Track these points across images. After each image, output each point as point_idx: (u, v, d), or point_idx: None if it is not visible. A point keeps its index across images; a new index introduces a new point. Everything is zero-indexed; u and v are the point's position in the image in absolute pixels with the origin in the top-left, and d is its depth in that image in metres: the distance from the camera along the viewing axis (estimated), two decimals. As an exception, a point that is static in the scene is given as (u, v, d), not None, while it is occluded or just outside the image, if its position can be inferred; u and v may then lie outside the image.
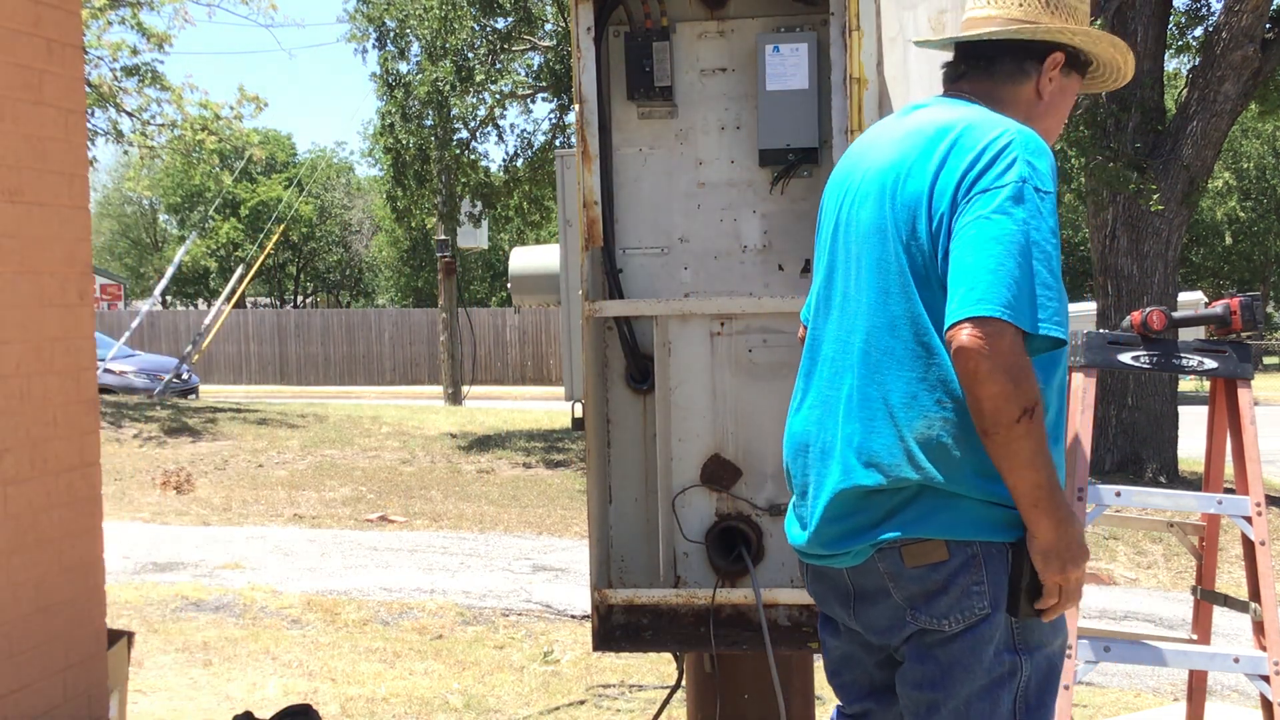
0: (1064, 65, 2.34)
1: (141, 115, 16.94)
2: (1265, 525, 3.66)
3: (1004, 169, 2.13)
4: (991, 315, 2.04)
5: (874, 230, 2.26)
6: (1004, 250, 2.08)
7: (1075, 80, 2.39)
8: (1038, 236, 2.10)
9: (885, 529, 2.21)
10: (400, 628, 6.57)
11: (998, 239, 2.09)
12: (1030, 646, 2.22)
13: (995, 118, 2.23)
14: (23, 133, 3.66)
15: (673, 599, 3.27)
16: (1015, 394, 2.04)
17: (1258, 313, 3.74)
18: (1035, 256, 2.09)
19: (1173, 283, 11.68)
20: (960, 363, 2.07)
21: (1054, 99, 2.36)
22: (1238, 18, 10.87)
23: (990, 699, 2.21)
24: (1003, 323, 2.05)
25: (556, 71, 15.61)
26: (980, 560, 2.18)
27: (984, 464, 2.14)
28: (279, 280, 45.57)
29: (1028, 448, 2.06)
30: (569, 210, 8.60)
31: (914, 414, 2.17)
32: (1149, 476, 11.27)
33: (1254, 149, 34.13)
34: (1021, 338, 2.06)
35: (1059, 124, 2.41)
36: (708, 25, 3.32)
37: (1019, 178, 2.12)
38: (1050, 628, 2.24)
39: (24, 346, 3.66)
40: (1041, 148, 2.18)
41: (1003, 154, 2.14)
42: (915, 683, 2.27)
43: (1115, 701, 5.44)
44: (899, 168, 2.24)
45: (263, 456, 13.03)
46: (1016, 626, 2.21)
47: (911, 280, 2.19)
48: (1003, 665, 2.20)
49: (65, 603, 3.80)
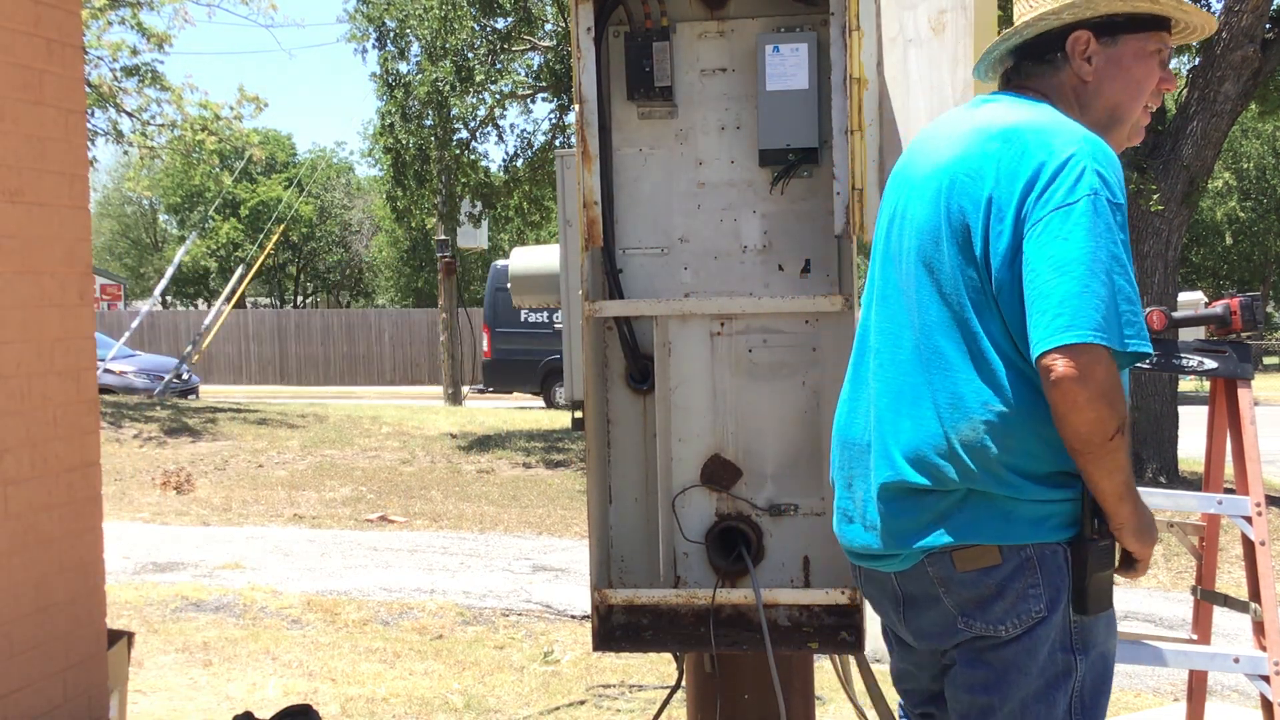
0: (1105, 33, 2.27)
1: (141, 115, 16.96)
2: (1265, 525, 3.66)
3: (1073, 182, 2.08)
4: (1084, 341, 2.03)
5: (929, 229, 2.22)
6: (1087, 270, 2.04)
7: (1132, 42, 2.28)
8: (1116, 250, 2.07)
9: (935, 534, 2.19)
10: (400, 628, 6.57)
11: (1079, 259, 2.05)
12: (1086, 646, 2.21)
13: (1062, 123, 2.18)
14: (23, 133, 3.66)
15: (673, 599, 3.27)
16: (1111, 416, 2.06)
17: (1258, 313, 3.74)
18: (1115, 271, 2.06)
19: (1173, 283, 11.68)
20: (1058, 393, 2.05)
21: (1103, 72, 2.29)
22: (1238, 18, 10.86)
23: (1047, 701, 2.20)
24: (1097, 347, 2.04)
25: (556, 71, 15.61)
26: (1035, 562, 2.16)
27: (1030, 466, 2.15)
28: (279, 280, 45.58)
29: (1119, 458, 2.09)
30: (569, 210, 8.59)
31: (959, 416, 2.16)
32: (1149, 476, 11.27)
33: (1254, 149, 34.13)
34: (1112, 357, 2.06)
35: (1130, 93, 2.30)
36: (708, 25, 3.32)
37: (1090, 190, 2.07)
38: (1105, 628, 2.24)
39: (24, 346, 3.66)
40: (1109, 158, 2.14)
41: (1069, 166, 2.09)
42: (968, 686, 2.25)
43: (1115, 701, 5.44)
44: (959, 166, 2.19)
45: (263, 457, 13.03)
46: (1075, 626, 2.20)
47: (963, 284, 2.16)
48: (1057, 665, 2.19)
49: (65, 603, 3.80)
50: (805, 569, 3.32)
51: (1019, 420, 2.12)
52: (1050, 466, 2.15)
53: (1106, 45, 2.27)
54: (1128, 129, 2.34)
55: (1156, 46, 2.29)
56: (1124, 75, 2.28)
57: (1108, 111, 2.30)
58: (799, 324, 3.28)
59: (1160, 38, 2.29)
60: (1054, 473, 2.15)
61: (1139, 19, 2.27)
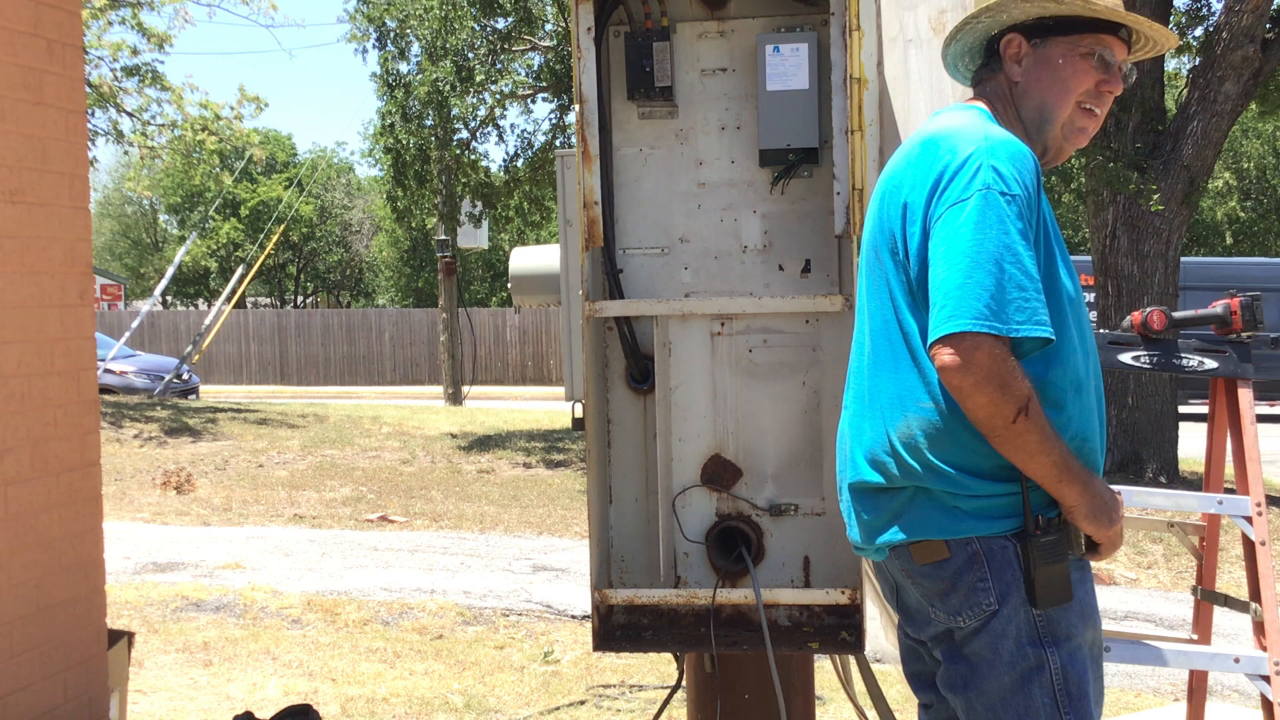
0: (1036, 35, 2.33)
1: (142, 115, 16.96)
2: (1265, 525, 3.66)
3: (968, 179, 2.17)
4: (963, 330, 2.11)
5: (871, 238, 2.38)
6: (971, 262, 2.13)
7: (1061, 44, 2.33)
8: (1008, 239, 2.13)
9: (892, 530, 2.30)
10: (401, 628, 6.57)
11: (965, 252, 2.14)
12: (1057, 638, 2.22)
13: (973, 127, 2.26)
14: (23, 133, 3.66)
15: (673, 599, 3.27)
16: (1003, 399, 2.11)
17: (1258, 312, 3.74)
18: (1006, 260, 2.12)
19: (1173, 283, 11.68)
20: (945, 382, 2.15)
21: (1032, 73, 2.35)
22: (1238, 18, 10.86)
23: (1023, 694, 2.22)
24: (976, 335, 2.11)
25: (557, 71, 15.61)
26: (981, 556, 2.22)
27: (967, 461, 2.20)
28: (279, 280, 45.56)
29: (1032, 440, 2.13)
30: (569, 210, 8.57)
31: (897, 414, 2.26)
32: (1149, 476, 11.27)
33: (1254, 149, 34.11)
34: (1003, 343, 2.11)
35: (1056, 92, 2.34)
36: (708, 25, 3.32)
37: (982, 185, 2.15)
38: (1079, 618, 2.25)
39: (25, 347, 3.66)
40: (1011, 154, 2.20)
41: (966, 164, 2.18)
42: (950, 684, 2.32)
43: (1115, 701, 5.44)
44: (891, 179, 2.33)
45: (263, 456, 13.03)
46: (1040, 619, 2.22)
47: (897, 287, 2.29)
48: (1027, 660, 2.22)
49: (66, 603, 3.80)
50: (805, 569, 3.32)
51: (950, 416, 2.20)
52: (989, 460, 2.20)
53: (1037, 47, 2.35)
54: (1059, 128, 2.36)
55: (1090, 49, 2.33)
56: (1051, 75, 2.34)
57: (1037, 110, 2.36)
58: (799, 324, 3.28)
59: (1099, 40, 2.33)
60: (995, 466, 2.20)
61: (1071, 21, 2.33)
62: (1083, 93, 2.33)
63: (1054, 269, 2.24)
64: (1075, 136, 2.37)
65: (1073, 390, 2.24)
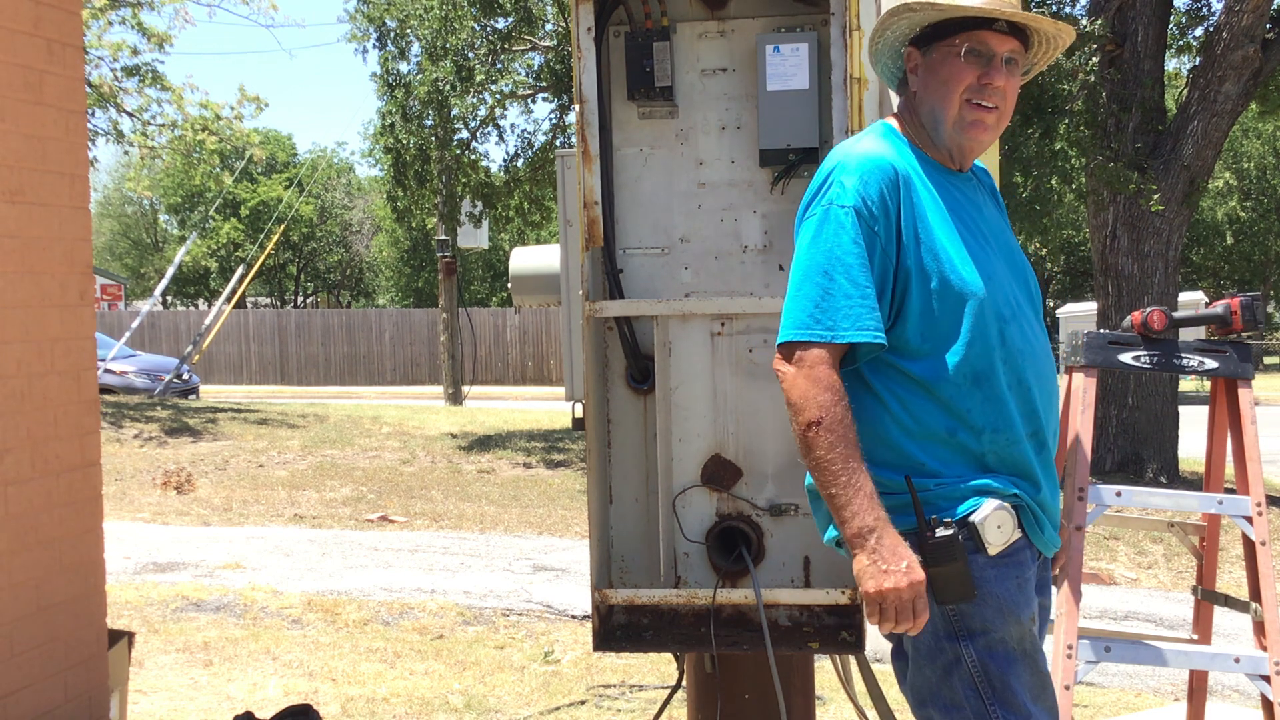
0: (923, 44, 2.40)
1: (142, 115, 16.96)
2: (1266, 525, 3.66)
3: (815, 196, 2.33)
4: (788, 339, 2.28)
5: None
6: (802, 275, 2.29)
7: (941, 47, 2.38)
8: (839, 252, 2.26)
9: (829, 529, 2.42)
10: (401, 628, 6.58)
11: (798, 266, 2.31)
12: (972, 632, 2.27)
13: (846, 144, 2.42)
14: (23, 133, 3.66)
15: (673, 599, 3.27)
16: (801, 407, 2.24)
17: (1258, 312, 3.74)
18: (836, 270, 2.25)
19: (1173, 282, 11.68)
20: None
21: (923, 80, 2.41)
22: (1238, 17, 10.86)
23: (947, 686, 2.29)
24: (795, 344, 2.27)
25: (557, 71, 15.61)
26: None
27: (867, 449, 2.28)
28: (279, 280, 45.58)
29: (812, 456, 2.23)
30: (569, 210, 8.59)
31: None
32: (1149, 476, 11.27)
33: (1254, 149, 34.11)
34: (825, 350, 2.24)
35: (939, 93, 2.38)
36: (708, 25, 3.32)
37: (824, 201, 2.30)
38: (995, 613, 2.26)
39: (25, 347, 3.66)
40: (856, 167, 2.30)
41: (818, 181, 2.35)
42: (900, 679, 2.45)
43: (1116, 701, 5.44)
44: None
45: (263, 456, 13.03)
46: (952, 613, 2.27)
47: None
48: (945, 653, 2.29)
49: (66, 603, 3.80)
50: (806, 569, 3.32)
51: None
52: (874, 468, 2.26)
53: (926, 55, 2.42)
54: (950, 125, 2.40)
55: (964, 46, 2.36)
56: (934, 78, 2.40)
57: (929, 114, 2.42)
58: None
59: (971, 36, 2.36)
60: (882, 471, 2.27)
61: (945, 25, 2.38)
62: (965, 89, 2.36)
63: (941, 267, 2.28)
64: (971, 130, 2.39)
65: (969, 382, 2.28)
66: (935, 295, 2.27)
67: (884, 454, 2.29)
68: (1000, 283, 2.34)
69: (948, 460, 2.28)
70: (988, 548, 2.25)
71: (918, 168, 2.36)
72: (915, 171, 2.35)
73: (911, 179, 2.32)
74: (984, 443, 2.28)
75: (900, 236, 2.28)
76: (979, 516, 2.25)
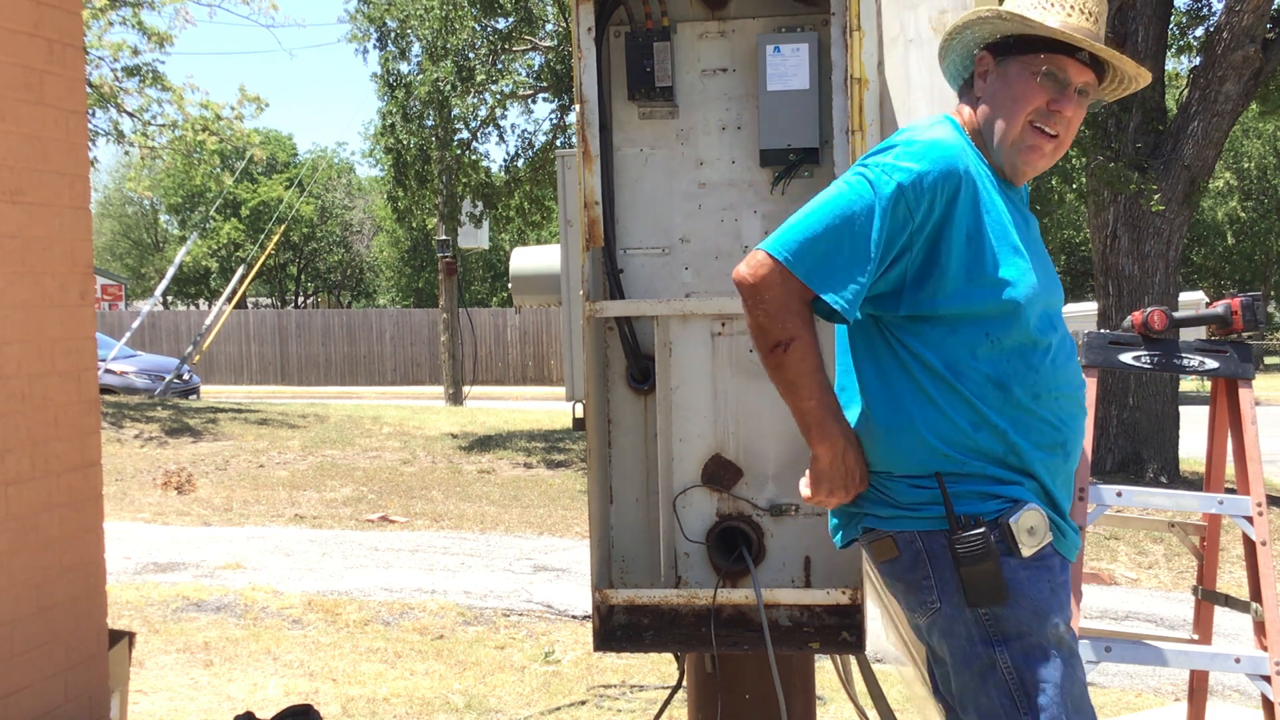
0: (1001, 53, 2.38)
1: (142, 115, 16.96)
2: (1266, 525, 3.66)
3: (876, 155, 2.30)
4: (769, 250, 2.24)
5: None
6: (820, 208, 2.26)
7: (1018, 62, 2.37)
8: (865, 216, 2.23)
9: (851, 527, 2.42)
10: (401, 628, 6.58)
11: (822, 199, 2.28)
12: (1007, 636, 2.22)
13: (918, 124, 2.40)
14: (24, 133, 3.66)
15: (674, 599, 3.27)
16: (769, 327, 2.24)
17: (1259, 312, 3.74)
18: (857, 230, 2.23)
19: (1174, 283, 11.68)
20: (736, 286, 2.29)
21: (992, 87, 2.40)
22: (1239, 17, 10.86)
23: (983, 694, 2.24)
24: (774, 262, 2.24)
25: (557, 71, 15.61)
26: (925, 555, 2.25)
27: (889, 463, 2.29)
28: (280, 280, 45.56)
29: (783, 378, 2.26)
30: (570, 210, 8.60)
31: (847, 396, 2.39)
32: (1150, 476, 11.27)
33: (1255, 149, 34.10)
34: (796, 284, 2.23)
35: (1005, 108, 2.37)
36: (708, 25, 3.32)
37: (883, 168, 2.25)
38: (1031, 615, 2.22)
39: (25, 347, 3.66)
40: (923, 151, 2.26)
41: (889, 146, 2.31)
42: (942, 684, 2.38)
43: (1116, 701, 5.44)
44: None
45: (264, 457, 13.03)
46: (986, 617, 2.22)
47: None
48: (980, 659, 2.23)
49: (66, 603, 3.80)
50: (806, 569, 3.32)
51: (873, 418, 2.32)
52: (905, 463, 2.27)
53: (1000, 64, 2.39)
54: (1008, 143, 2.38)
55: (1043, 68, 2.34)
56: (1004, 91, 2.38)
57: (988, 125, 2.40)
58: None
59: (1052, 59, 2.34)
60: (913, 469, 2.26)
61: (1030, 41, 2.36)
62: (1032, 110, 2.34)
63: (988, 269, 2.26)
64: (1027, 153, 2.37)
65: (1005, 387, 2.27)
66: (979, 299, 2.24)
67: (914, 450, 2.25)
68: (1043, 293, 2.33)
69: (977, 461, 2.25)
70: (1021, 549, 2.21)
71: (984, 171, 2.35)
72: (981, 174, 2.33)
73: (976, 179, 2.30)
74: (1015, 447, 2.25)
75: (942, 230, 2.24)
76: (1013, 517, 2.21)
